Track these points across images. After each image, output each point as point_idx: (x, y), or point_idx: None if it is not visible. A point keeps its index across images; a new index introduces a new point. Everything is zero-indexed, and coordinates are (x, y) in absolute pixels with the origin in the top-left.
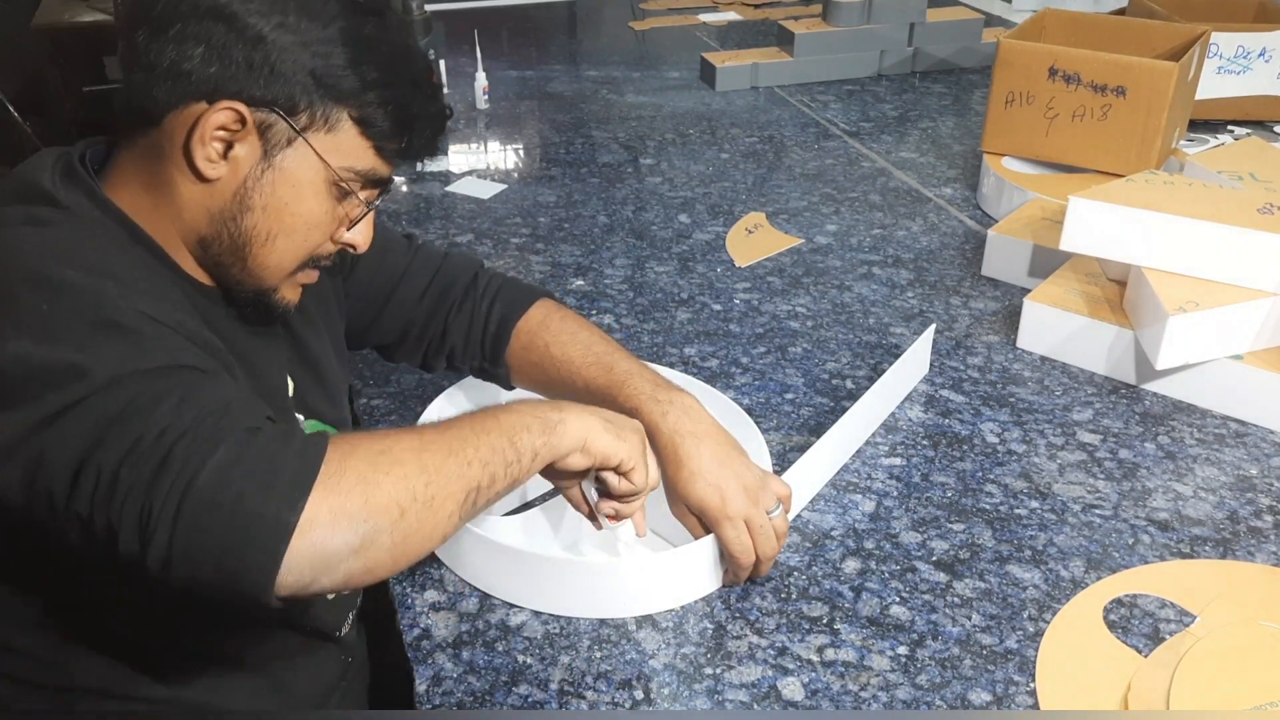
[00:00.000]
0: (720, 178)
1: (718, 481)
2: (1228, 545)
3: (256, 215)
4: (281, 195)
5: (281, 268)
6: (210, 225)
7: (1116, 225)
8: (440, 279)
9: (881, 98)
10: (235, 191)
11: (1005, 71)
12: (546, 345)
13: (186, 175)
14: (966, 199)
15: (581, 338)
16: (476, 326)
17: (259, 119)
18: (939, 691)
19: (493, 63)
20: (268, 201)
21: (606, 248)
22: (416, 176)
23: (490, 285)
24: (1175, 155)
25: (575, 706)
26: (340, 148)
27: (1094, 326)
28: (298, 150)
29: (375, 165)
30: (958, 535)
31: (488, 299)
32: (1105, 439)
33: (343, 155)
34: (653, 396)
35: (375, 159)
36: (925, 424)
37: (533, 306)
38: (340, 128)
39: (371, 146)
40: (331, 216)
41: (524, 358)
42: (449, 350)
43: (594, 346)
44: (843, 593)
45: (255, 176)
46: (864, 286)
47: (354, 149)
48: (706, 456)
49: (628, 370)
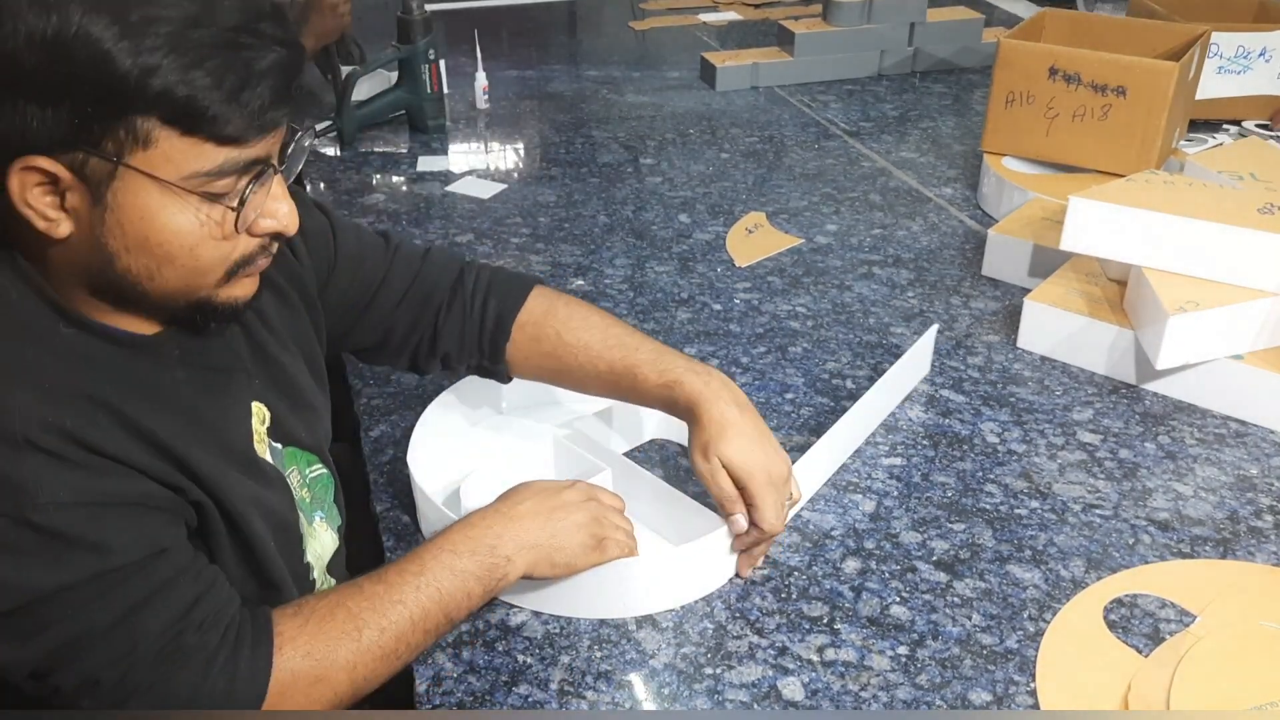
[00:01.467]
0: (720, 177)
1: (764, 450)
2: (1228, 545)
3: (125, 259)
4: (137, 231)
5: (192, 286)
6: (92, 278)
7: (1117, 225)
8: (422, 282)
9: (882, 98)
10: (91, 243)
11: (1005, 71)
12: (558, 334)
13: (42, 238)
14: (966, 199)
15: (595, 321)
16: (472, 326)
17: (68, 161)
18: (939, 691)
19: (493, 63)
20: (127, 243)
21: (606, 247)
22: (417, 176)
23: (480, 281)
24: (1175, 155)
25: (575, 706)
26: (170, 157)
27: (1094, 326)
28: (125, 180)
29: (227, 156)
30: (958, 535)
31: (479, 296)
32: (1105, 439)
33: (177, 164)
34: (690, 369)
35: (221, 150)
36: (925, 424)
37: (530, 297)
38: (155, 137)
39: (206, 140)
40: (213, 226)
41: (533, 349)
42: (443, 354)
43: (611, 329)
44: (843, 593)
45: (99, 222)
46: (864, 286)
47: (187, 152)
48: (751, 427)
49: (654, 349)
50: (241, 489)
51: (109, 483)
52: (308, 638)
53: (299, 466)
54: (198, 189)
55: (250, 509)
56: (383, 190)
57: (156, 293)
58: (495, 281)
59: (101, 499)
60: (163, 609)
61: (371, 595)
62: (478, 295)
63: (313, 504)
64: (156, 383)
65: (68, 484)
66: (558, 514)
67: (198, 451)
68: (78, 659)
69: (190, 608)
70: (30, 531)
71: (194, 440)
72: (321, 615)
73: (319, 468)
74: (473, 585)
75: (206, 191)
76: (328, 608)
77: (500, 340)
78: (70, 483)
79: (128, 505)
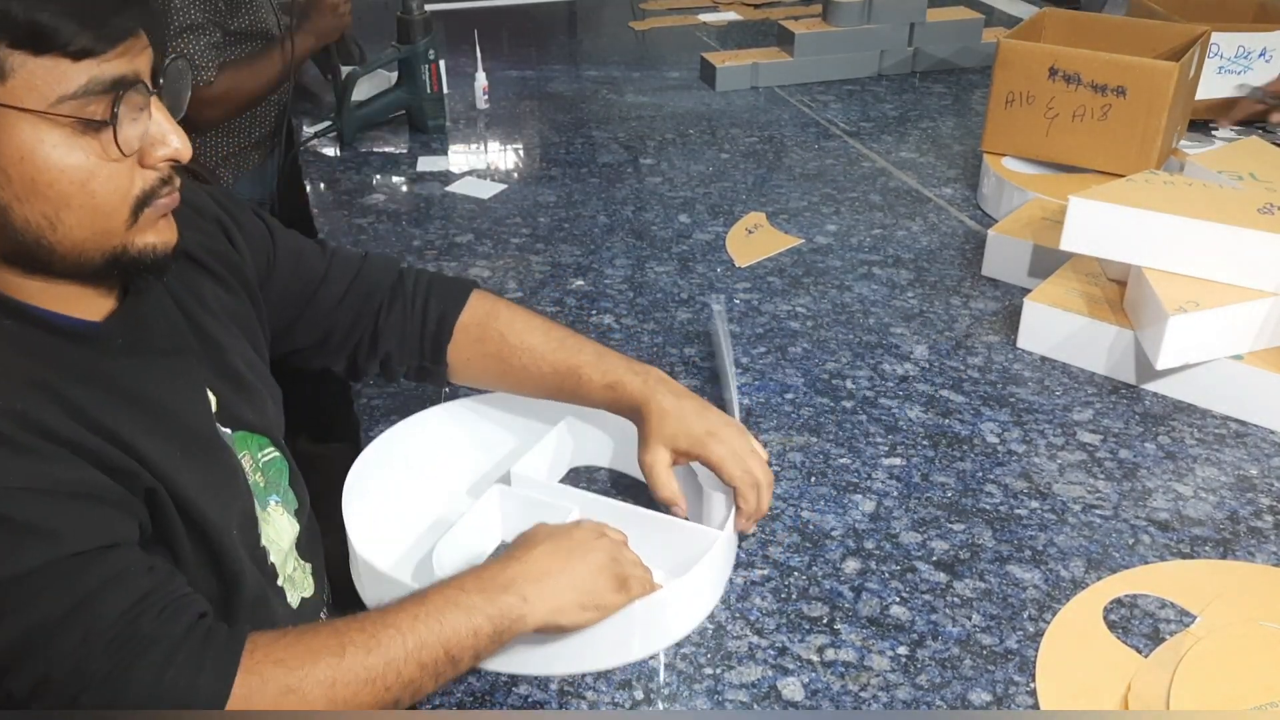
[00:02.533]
0: (720, 178)
1: (705, 419)
2: (1228, 545)
3: (19, 210)
4: (21, 175)
5: (101, 232)
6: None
7: (1116, 225)
8: (362, 280)
9: (881, 98)
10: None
11: (1005, 71)
12: (502, 335)
13: None
14: (966, 199)
15: (536, 324)
16: (413, 325)
17: None
18: (939, 691)
19: (493, 63)
20: (16, 191)
21: (606, 248)
22: (417, 177)
23: (419, 283)
24: (1175, 155)
25: (575, 706)
26: (32, 85)
27: (1094, 326)
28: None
29: (90, 74)
30: (958, 535)
31: (420, 297)
32: (1105, 439)
33: (41, 91)
34: (630, 369)
35: (80, 67)
36: (925, 424)
37: (470, 300)
38: (11, 65)
39: (62, 57)
40: (101, 156)
41: (476, 350)
42: (384, 355)
43: (552, 332)
44: (843, 593)
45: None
46: (864, 286)
47: (47, 75)
48: (689, 407)
49: (596, 351)
50: (193, 475)
51: (60, 470)
52: (283, 647)
53: (250, 451)
54: (70, 114)
55: (204, 494)
56: (383, 190)
57: (64, 245)
58: (435, 283)
59: (53, 485)
60: (117, 595)
61: (364, 620)
62: (418, 296)
63: (267, 488)
64: (101, 371)
65: (18, 469)
66: (576, 556)
67: (145, 439)
68: (30, 656)
69: (147, 594)
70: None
71: (142, 428)
72: (303, 631)
73: (271, 451)
74: (481, 622)
75: (80, 117)
76: (313, 627)
77: (442, 339)
78: (21, 468)
79: (79, 496)
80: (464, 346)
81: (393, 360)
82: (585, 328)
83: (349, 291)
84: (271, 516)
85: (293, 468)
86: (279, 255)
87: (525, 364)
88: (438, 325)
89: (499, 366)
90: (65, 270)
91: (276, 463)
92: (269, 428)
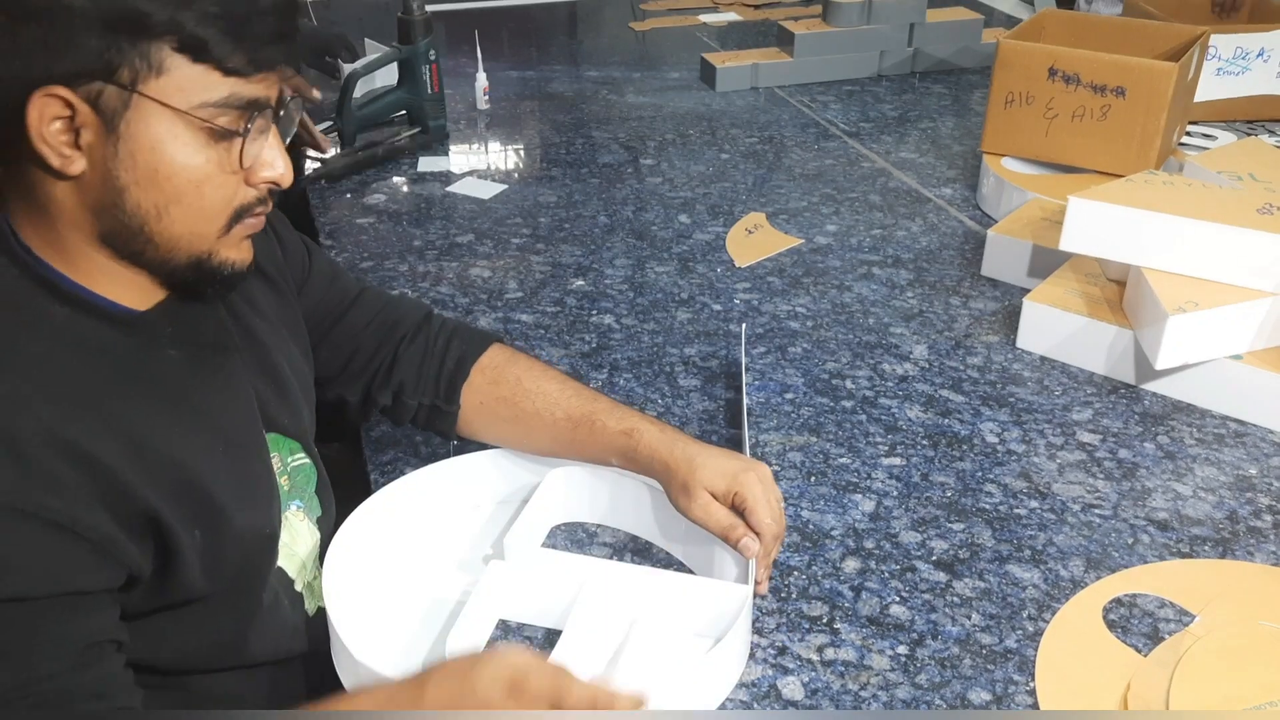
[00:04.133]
0: (720, 178)
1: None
2: (1227, 545)
3: (135, 194)
4: (147, 163)
5: (197, 234)
6: (101, 222)
7: (1116, 225)
8: (390, 311)
9: (881, 98)
10: (104, 178)
11: (1005, 72)
12: (518, 378)
13: (53, 179)
14: (966, 199)
15: (553, 374)
16: (432, 360)
17: (85, 93)
18: (939, 691)
19: (493, 63)
20: (138, 176)
21: (607, 248)
22: (417, 177)
23: (444, 326)
24: (1175, 155)
25: None
26: (182, 86)
27: (1094, 326)
28: (139, 110)
29: (232, 89)
30: (957, 535)
31: (443, 337)
32: (1105, 439)
33: (188, 94)
34: (645, 419)
35: (227, 82)
36: (925, 424)
37: (491, 347)
38: (169, 65)
39: (214, 69)
40: (219, 164)
41: (490, 392)
42: (397, 384)
43: (569, 382)
44: (843, 592)
45: (112, 155)
46: (864, 286)
47: (196, 81)
48: (715, 450)
49: (611, 403)
50: (230, 475)
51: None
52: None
53: (281, 454)
54: (206, 119)
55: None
56: (383, 190)
57: (161, 236)
58: (460, 329)
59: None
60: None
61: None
62: (441, 336)
63: (291, 492)
64: (147, 367)
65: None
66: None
67: (186, 439)
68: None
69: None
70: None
71: (184, 427)
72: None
73: (302, 457)
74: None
75: (214, 125)
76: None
77: (459, 380)
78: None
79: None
80: (479, 388)
81: (405, 392)
82: (585, 327)
83: (377, 317)
84: (291, 521)
85: (321, 475)
86: (314, 271)
87: (539, 409)
88: (456, 365)
89: (511, 411)
90: (150, 263)
91: (306, 469)
92: (302, 433)
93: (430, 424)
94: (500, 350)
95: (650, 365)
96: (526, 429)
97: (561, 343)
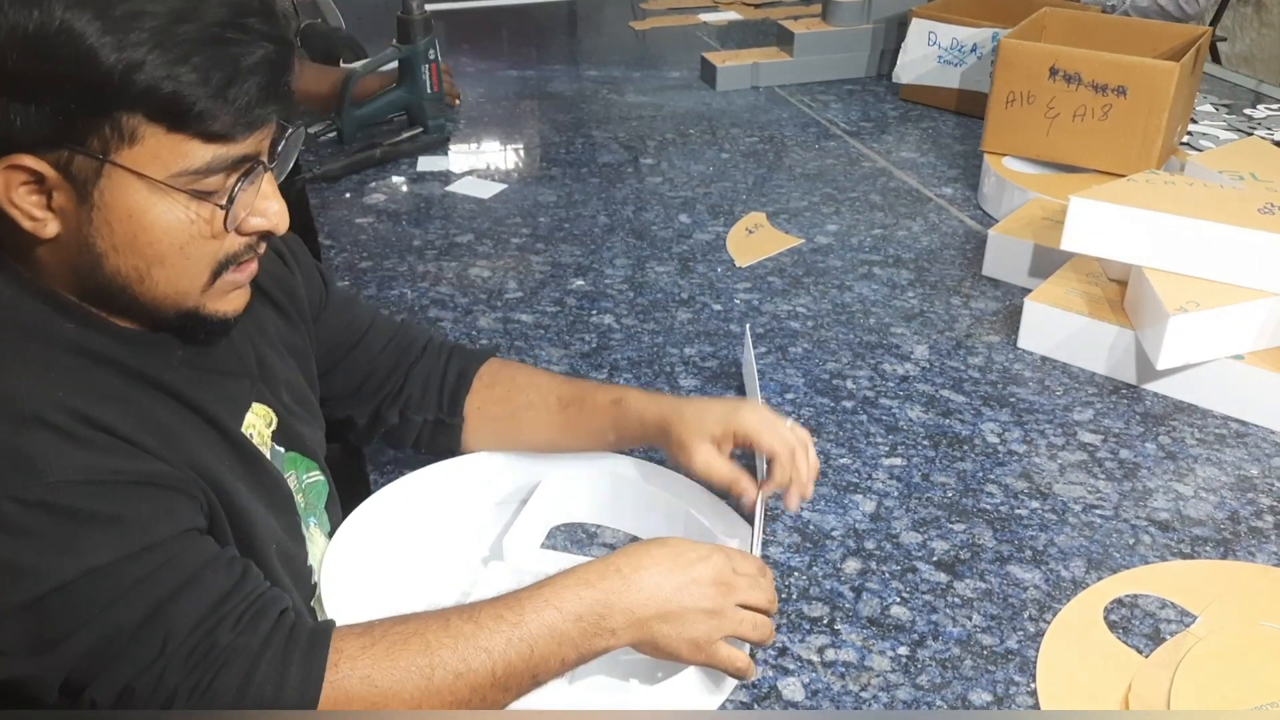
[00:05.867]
0: (720, 178)
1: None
2: (1228, 545)
3: (113, 259)
4: (125, 231)
5: (182, 292)
6: (82, 279)
7: (1117, 225)
8: (405, 333)
9: (882, 98)
10: (79, 243)
11: (1006, 71)
12: (512, 378)
13: (29, 239)
14: (967, 199)
15: (546, 371)
16: (435, 377)
17: (53, 160)
18: (939, 692)
19: (493, 63)
20: (115, 242)
21: (607, 248)
22: (417, 176)
23: (444, 345)
24: (1176, 155)
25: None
26: (158, 155)
27: (1094, 326)
28: (111, 179)
29: (215, 154)
30: (958, 535)
31: (444, 356)
32: (1106, 439)
33: (165, 163)
34: (630, 389)
35: (209, 148)
36: (925, 424)
37: (489, 360)
38: (141, 134)
39: (192, 137)
40: (202, 224)
41: (487, 395)
42: (405, 400)
43: (560, 375)
44: (843, 593)
45: (87, 221)
46: (864, 286)
47: (174, 150)
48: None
49: (600, 383)
50: (244, 489)
51: (120, 461)
52: (371, 660)
53: (298, 471)
54: (186, 187)
55: (252, 507)
56: (382, 190)
57: (145, 297)
58: (457, 347)
59: (114, 476)
60: (193, 601)
61: (457, 633)
62: (442, 354)
63: (307, 509)
64: (164, 378)
65: (78, 462)
66: (682, 593)
67: (203, 450)
68: (109, 665)
69: (222, 600)
70: (41, 512)
71: (200, 437)
72: (393, 640)
73: (316, 474)
74: (569, 652)
75: (195, 189)
76: (402, 635)
77: (461, 392)
78: (81, 460)
79: (143, 484)
80: (478, 393)
81: (411, 408)
82: (585, 327)
83: (391, 342)
84: (315, 536)
85: (331, 491)
86: (331, 299)
87: (532, 400)
88: (457, 379)
89: (506, 409)
90: (138, 316)
91: (319, 486)
92: (317, 452)
93: (434, 441)
94: (497, 360)
95: (650, 365)
96: (522, 423)
97: (561, 343)
